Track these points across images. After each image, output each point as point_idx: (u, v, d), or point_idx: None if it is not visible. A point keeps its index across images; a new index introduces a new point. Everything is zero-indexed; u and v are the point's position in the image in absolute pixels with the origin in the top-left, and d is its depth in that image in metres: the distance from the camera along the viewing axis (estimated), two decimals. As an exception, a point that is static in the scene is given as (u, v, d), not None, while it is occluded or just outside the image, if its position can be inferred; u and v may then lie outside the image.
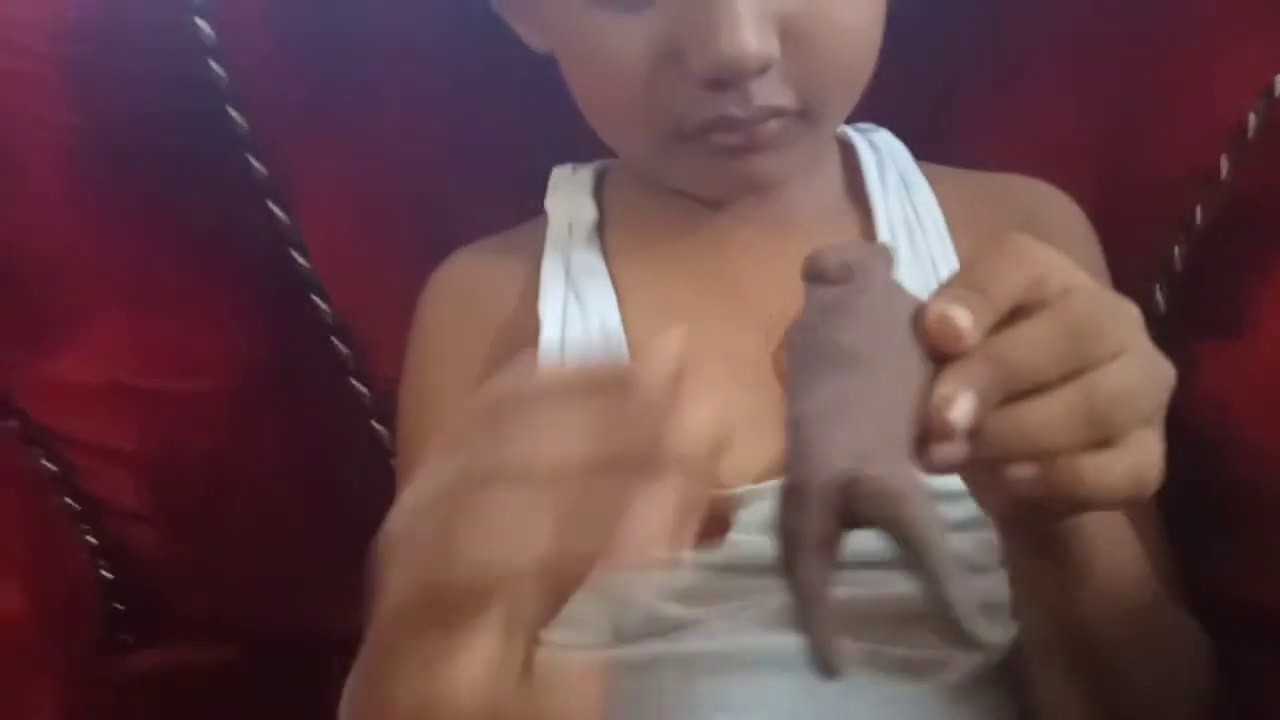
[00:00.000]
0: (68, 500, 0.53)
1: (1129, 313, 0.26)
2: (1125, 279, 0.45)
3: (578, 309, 0.41)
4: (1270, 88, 0.45)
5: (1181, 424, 0.43)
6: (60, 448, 0.52)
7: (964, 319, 0.23)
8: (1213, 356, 0.43)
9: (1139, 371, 0.25)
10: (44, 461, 0.52)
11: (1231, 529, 0.41)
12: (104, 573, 0.55)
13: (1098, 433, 0.24)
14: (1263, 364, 0.41)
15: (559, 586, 0.22)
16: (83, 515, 0.54)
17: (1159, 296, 0.48)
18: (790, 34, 0.34)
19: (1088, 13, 0.47)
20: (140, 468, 0.52)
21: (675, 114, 0.36)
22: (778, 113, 0.35)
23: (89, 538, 0.55)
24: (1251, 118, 0.45)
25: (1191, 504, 0.43)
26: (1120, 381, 0.24)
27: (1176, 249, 0.47)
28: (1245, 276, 0.43)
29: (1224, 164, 0.46)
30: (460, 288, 0.45)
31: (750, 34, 0.32)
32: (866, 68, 0.37)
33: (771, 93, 0.35)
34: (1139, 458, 0.25)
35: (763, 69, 0.34)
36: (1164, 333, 0.47)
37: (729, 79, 0.34)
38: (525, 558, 0.21)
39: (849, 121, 0.43)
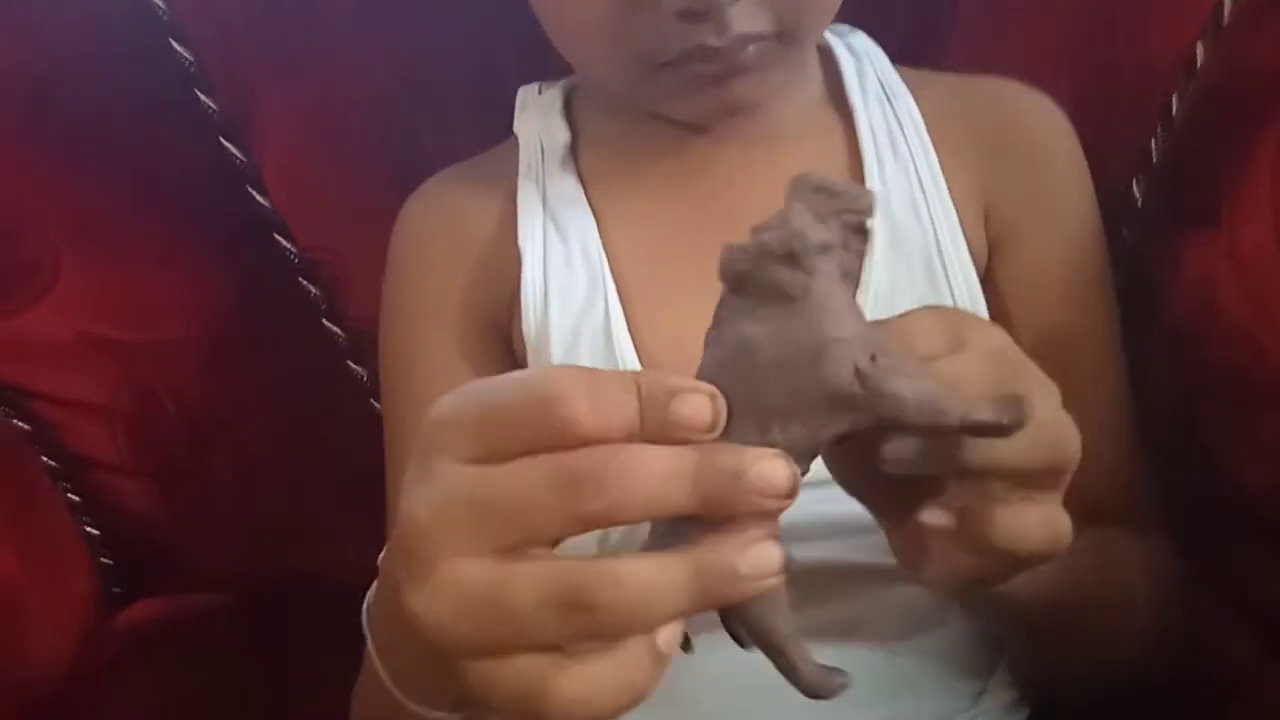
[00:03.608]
0: (46, 458, 0.52)
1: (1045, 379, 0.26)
2: (1104, 174, 0.44)
3: (557, 237, 0.40)
4: (1247, -30, 0.44)
5: (1164, 315, 0.44)
6: (33, 405, 0.51)
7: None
8: (1194, 246, 0.43)
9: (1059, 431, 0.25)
10: (16, 421, 0.51)
11: (1215, 416, 0.42)
12: (89, 528, 0.55)
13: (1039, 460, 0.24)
14: (1245, 248, 0.41)
15: None
16: (63, 472, 0.53)
17: (1137, 190, 0.48)
18: None
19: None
20: (116, 420, 0.52)
21: (650, 45, 0.34)
22: (756, 38, 0.34)
23: (71, 494, 0.54)
24: (1227, 3, 0.45)
25: (1175, 394, 0.44)
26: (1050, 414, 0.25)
27: (1154, 142, 0.47)
28: (1224, 164, 0.43)
29: (1199, 52, 0.45)
30: (436, 216, 0.44)
31: None
32: None
33: (748, 19, 0.34)
34: (1052, 511, 0.25)
35: None
36: (1143, 227, 0.48)
37: (704, 9, 0.33)
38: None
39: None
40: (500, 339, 0.42)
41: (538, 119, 0.43)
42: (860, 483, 0.26)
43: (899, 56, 0.44)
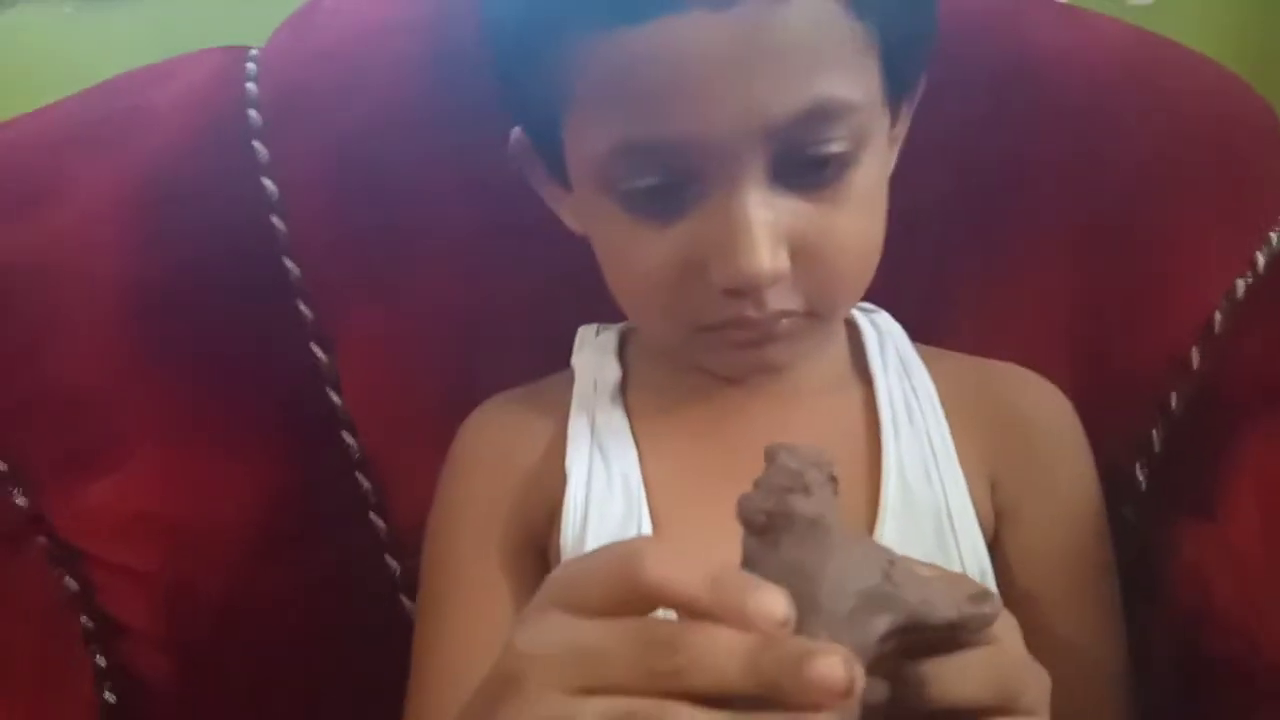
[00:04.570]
0: (84, 619, 0.54)
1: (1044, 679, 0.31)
2: (1107, 459, 0.48)
3: (602, 464, 0.44)
4: (1233, 290, 0.50)
5: (1165, 600, 0.46)
6: (84, 566, 0.54)
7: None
8: (1192, 534, 0.46)
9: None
10: (68, 579, 0.54)
11: (1214, 704, 0.43)
12: (107, 697, 0.56)
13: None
14: (1238, 543, 0.43)
15: None
16: (96, 635, 0.55)
17: (1139, 475, 0.51)
18: (800, 249, 0.38)
19: (1072, 221, 0.52)
20: (160, 591, 0.54)
21: (697, 312, 0.40)
22: (788, 314, 0.40)
23: (99, 659, 0.55)
24: (1217, 315, 0.50)
25: (1176, 678, 0.45)
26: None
27: (1154, 431, 0.50)
28: (1219, 459, 0.46)
29: (1194, 355, 0.50)
30: (493, 433, 0.48)
31: (765, 253, 0.37)
32: (868, 274, 0.42)
33: (783, 298, 0.39)
34: None
35: (775, 281, 0.38)
36: (1145, 510, 0.50)
37: (746, 289, 0.38)
38: None
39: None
40: (537, 551, 0.45)
41: (594, 356, 0.49)
42: None
43: (912, 333, 0.49)
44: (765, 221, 0.37)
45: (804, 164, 0.37)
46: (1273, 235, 0.51)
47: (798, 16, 0.35)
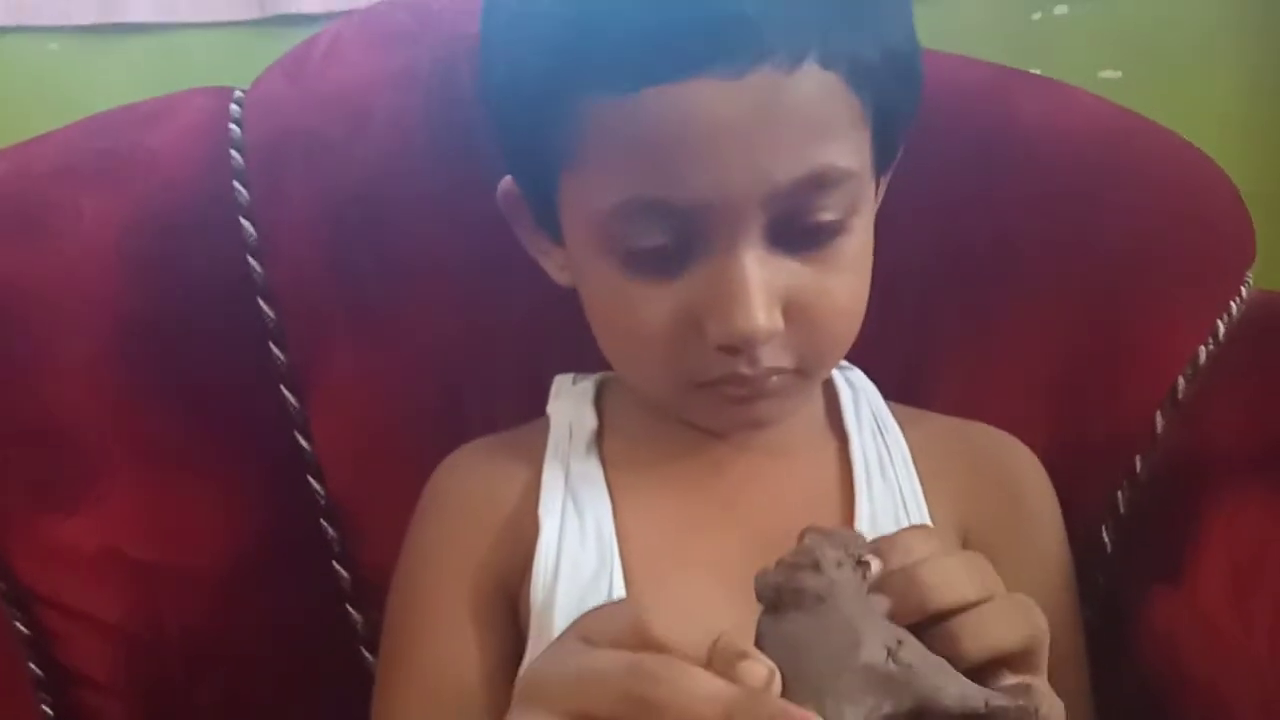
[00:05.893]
0: (34, 666, 0.53)
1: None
2: (1075, 520, 0.48)
3: (575, 514, 0.44)
4: (1196, 357, 0.51)
5: (1134, 664, 0.46)
6: (39, 612, 0.52)
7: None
8: (1159, 596, 0.46)
9: None
10: (18, 624, 0.52)
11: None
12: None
13: None
14: (1207, 610, 0.44)
15: None
16: (47, 684, 0.53)
17: (1105, 537, 0.51)
18: (793, 310, 0.39)
19: (1051, 290, 0.53)
20: (120, 638, 0.52)
21: (693, 368, 0.41)
22: (779, 371, 0.41)
23: (45, 708, 0.53)
24: (1181, 381, 0.51)
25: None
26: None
27: (1120, 494, 0.51)
28: (1184, 523, 0.47)
29: (1159, 421, 0.51)
30: (466, 480, 0.48)
31: (761, 312, 0.37)
32: (855, 333, 0.43)
33: (775, 356, 0.40)
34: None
35: (770, 339, 0.39)
36: (1111, 571, 0.51)
37: (741, 346, 0.39)
38: None
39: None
40: (507, 601, 0.44)
41: (570, 405, 0.49)
42: None
43: (892, 394, 0.50)
44: (762, 281, 0.38)
45: (800, 228, 0.38)
46: (1233, 304, 0.52)
47: (805, 88, 0.36)
